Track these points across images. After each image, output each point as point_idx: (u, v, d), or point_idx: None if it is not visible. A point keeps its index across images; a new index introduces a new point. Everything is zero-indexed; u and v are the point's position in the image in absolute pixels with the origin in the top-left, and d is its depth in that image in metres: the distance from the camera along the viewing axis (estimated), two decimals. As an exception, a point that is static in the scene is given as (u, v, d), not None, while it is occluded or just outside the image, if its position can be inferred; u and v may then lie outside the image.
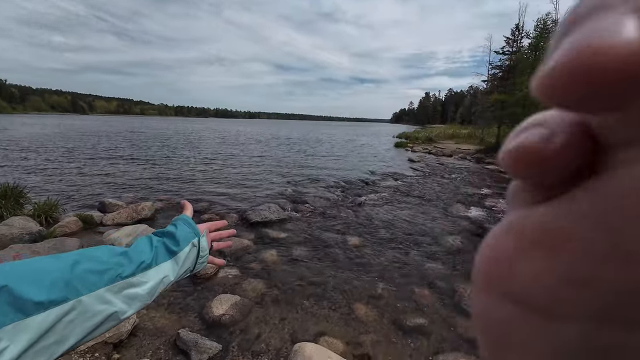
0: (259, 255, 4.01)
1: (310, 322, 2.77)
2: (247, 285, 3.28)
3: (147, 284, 0.52)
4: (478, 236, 5.01)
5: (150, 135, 25.30)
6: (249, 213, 5.32)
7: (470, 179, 10.47)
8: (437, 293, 3.32)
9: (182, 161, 11.53)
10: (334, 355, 2.10)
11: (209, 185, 7.75)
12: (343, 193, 7.43)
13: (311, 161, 13.17)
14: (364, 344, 2.51)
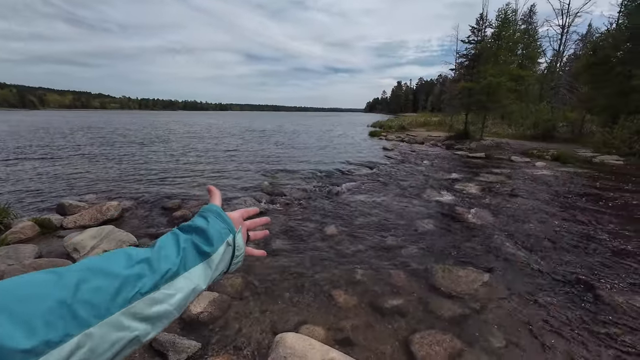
0: (236, 250, 3.93)
1: (291, 313, 2.78)
2: (225, 281, 3.22)
3: (175, 297, 0.41)
4: (449, 218, 5.27)
5: (112, 130, 23.67)
6: (224, 208, 5.16)
7: (441, 164, 10.90)
8: (412, 275, 3.46)
9: (149, 157, 10.94)
10: (315, 343, 2.13)
11: (181, 181, 7.43)
12: (320, 183, 7.45)
13: (287, 153, 13.03)
14: (345, 329, 2.57)
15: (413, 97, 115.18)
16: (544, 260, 3.83)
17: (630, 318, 2.77)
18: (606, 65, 15.21)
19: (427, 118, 34.88)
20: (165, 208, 5.32)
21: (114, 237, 3.68)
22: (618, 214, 5.73)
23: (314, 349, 2.03)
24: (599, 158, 11.91)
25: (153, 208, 5.37)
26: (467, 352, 2.37)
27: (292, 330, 2.54)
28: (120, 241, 3.66)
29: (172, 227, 3.98)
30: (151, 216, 4.98)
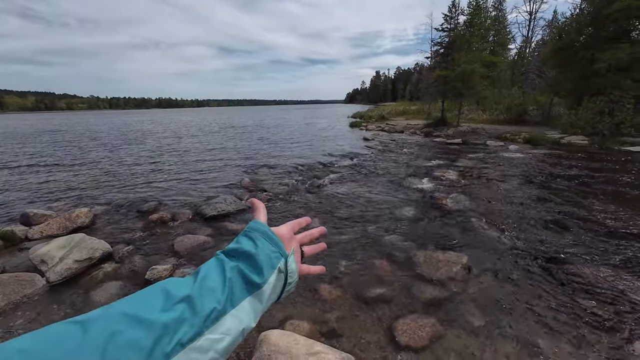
0: (217, 249, 3.83)
1: (276, 310, 2.76)
2: (207, 282, 3.14)
3: (222, 342, 0.34)
4: (429, 205, 5.38)
5: (81, 132, 22.38)
6: (204, 207, 5.04)
7: (420, 152, 11.11)
8: (395, 263, 3.51)
9: (122, 160, 10.44)
10: (300, 338, 2.12)
11: (157, 183, 7.15)
12: (301, 177, 7.40)
13: (268, 148, 12.83)
14: (329, 321, 2.57)
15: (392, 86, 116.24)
16: (518, 240, 4.00)
17: (598, 289, 2.95)
18: (571, 49, 15.89)
19: (406, 107, 35.36)
20: (140, 212, 5.10)
21: (85, 246, 3.49)
22: (584, 191, 6.07)
23: (298, 345, 2.02)
24: (566, 139, 12.54)
25: (128, 212, 5.14)
26: (449, 333, 2.44)
27: (278, 326, 2.52)
28: (92, 249, 3.47)
29: (148, 231, 3.82)
30: (126, 221, 4.77)
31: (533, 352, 2.25)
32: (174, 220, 4.75)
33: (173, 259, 3.55)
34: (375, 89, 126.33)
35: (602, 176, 7.13)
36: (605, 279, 3.07)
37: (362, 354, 2.26)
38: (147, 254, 3.71)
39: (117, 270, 3.38)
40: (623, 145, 10.82)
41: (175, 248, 3.79)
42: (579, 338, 2.37)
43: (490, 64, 19.50)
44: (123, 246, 3.87)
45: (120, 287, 3.08)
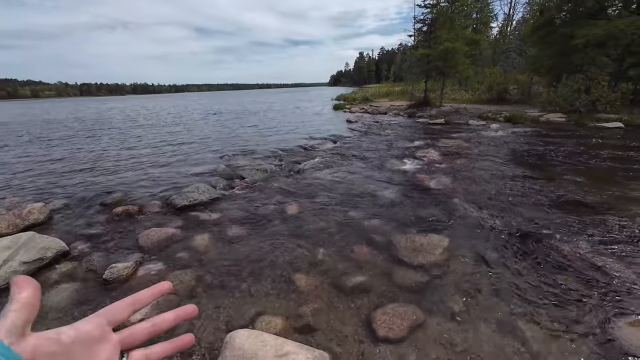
0: (187, 243, 3.58)
1: (248, 304, 2.57)
2: (174, 278, 2.90)
3: None
4: (411, 186, 5.26)
5: (45, 121, 20.84)
6: (174, 197, 4.71)
7: (403, 133, 10.97)
8: (375, 248, 3.37)
9: (85, 150, 9.72)
10: (269, 338, 1.94)
11: (124, 173, 6.68)
12: (281, 162, 7.11)
13: (247, 134, 12.34)
14: (304, 315, 2.41)
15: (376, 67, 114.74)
16: (499, 219, 3.95)
17: (576, 266, 2.92)
18: (551, 26, 15.87)
19: (390, 88, 35.01)
20: (104, 204, 4.72)
21: (35, 245, 3.14)
22: (561, 167, 6.12)
23: (266, 346, 1.84)
24: (545, 117, 12.72)
25: (89, 206, 4.74)
26: (429, 320, 2.33)
27: (249, 324, 2.33)
28: (43, 248, 3.13)
29: (111, 225, 3.48)
30: (87, 215, 4.39)
31: (513, 334, 2.17)
32: (141, 212, 4.41)
33: (137, 255, 3.27)
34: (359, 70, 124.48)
35: (578, 152, 7.23)
36: (583, 255, 3.05)
37: (339, 349, 2.12)
38: (109, 251, 3.40)
39: (74, 270, 3.07)
40: (598, 122, 11.06)
41: (140, 243, 3.49)
42: (557, 316, 2.31)
43: (473, 42, 19.30)
44: (81, 243, 3.54)
45: (76, 289, 2.79)
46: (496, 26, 32.10)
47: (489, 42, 29.30)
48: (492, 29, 31.74)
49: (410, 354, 2.06)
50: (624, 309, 2.36)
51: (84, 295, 2.70)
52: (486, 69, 23.63)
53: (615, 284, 2.65)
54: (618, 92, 12.59)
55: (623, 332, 2.12)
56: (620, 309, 2.36)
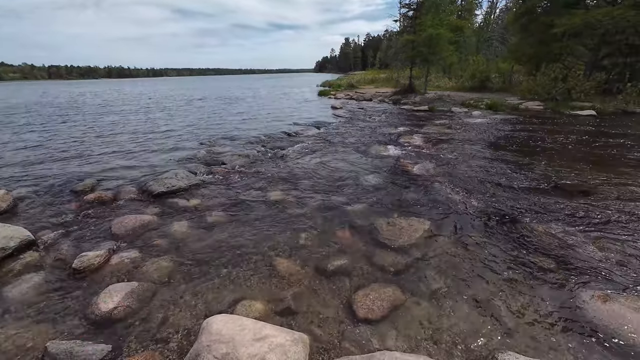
0: (164, 230, 3.45)
1: (228, 290, 2.51)
2: (150, 266, 2.79)
3: None
4: (394, 172, 5.29)
5: (11, 106, 19.37)
6: (151, 184, 4.51)
7: (387, 119, 10.98)
8: (357, 232, 3.38)
9: (55, 135, 9.14)
10: (248, 322, 1.90)
11: (98, 159, 6.33)
12: (264, 148, 6.95)
13: (229, 119, 11.96)
14: (285, 299, 2.39)
15: (362, 54, 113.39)
16: (478, 201, 4.04)
17: (548, 243, 3.03)
18: (532, 14, 16.09)
19: (375, 75, 34.80)
20: (75, 192, 4.46)
21: (-4, 235, 2.93)
22: (537, 152, 6.33)
23: (244, 330, 1.80)
24: (524, 104, 13.06)
25: (59, 193, 4.47)
26: (409, 300, 2.37)
27: (228, 309, 2.29)
28: (5, 238, 2.93)
29: (82, 213, 3.29)
30: (56, 203, 4.13)
31: (488, 311, 2.24)
32: (115, 199, 4.21)
33: (110, 243, 3.12)
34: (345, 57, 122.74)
35: (553, 139, 7.49)
36: (556, 235, 3.17)
37: (319, 330, 2.11)
38: (79, 240, 3.23)
39: (40, 260, 2.90)
40: (573, 110, 11.47)
41: (114, 231, 3.33)
42: (530, 293, 2.41)
43: (457, 29, 19.33)
44: (49, 232, 3.34)
45: (42, 279, 2.64)
46: (480, 14, 32.25)
47: (473, 30, 29.44)
48: (476, 16, 31.87)
49: (389, 333, 2.09)
50: (591, 284, 2.48)
51: (50, 285, 2.55)
52: (469, 56, 23.84)
53: (584, 261, 2.77)
54: (592, 81, 13.05)
55: (589, 306, 2.23)
56: (587, 285, 2.48)
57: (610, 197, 4.09)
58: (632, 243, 3.02)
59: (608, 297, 2.28)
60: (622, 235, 3.17)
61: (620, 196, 4.11)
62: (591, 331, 2.04)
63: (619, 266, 2.69)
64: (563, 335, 2.03)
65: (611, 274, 2.59)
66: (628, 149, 6.43)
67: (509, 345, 1.96)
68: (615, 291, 2.38)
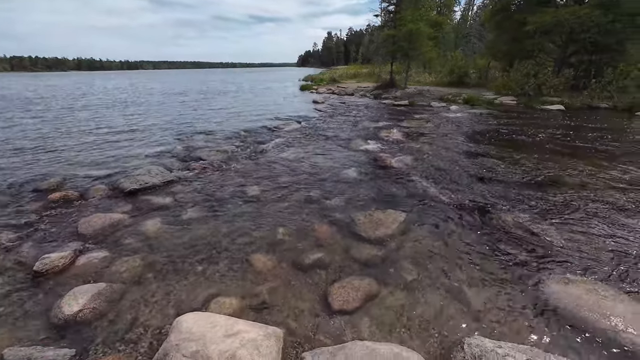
0: (136, 228, 3.33)
1: (202, 288, 2.46)
2: (120, 266, 2.69)
3: None
4: (374, 165, 5.34)
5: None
6: (122, 181, 4.33)
7: (368, 114, 11.06)
8: (335, 226, 3.39)
9: (24, 132, 8.55)
10: (220, 318, 1.87)
11: (65, 155, 5.99)
12: (243, 143, 6.83)
13: (207, 114, 11.64)
14: (261, 294, 2.37)
15: (344, 48, 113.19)
16: (453, 194, 4.16)
17: (516, 232, 3.17)
18: (507, 12, 16.60)
19: (358, 70, 34.88)
20: (39, 190, 4.20)
21: (-54, 238, 2.71)
22: (509, 145, 6.59)
23: (216, 327, 1.77)
24: (499, 99, 13.53)
25: (21, 192, 4.20)
26: (383, 291, 2.41)
27: (201, 307, 2.24)
28: (-43, 241, 2.72)
29: (47, 213, 3.11)
30: (16, 203, 3.88)
31: (458, 298, 2.32)
32: (83, 198, 4.00)
33: (76, 244, 2.97)
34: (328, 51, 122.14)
35: (525, 132, 7.82)
36: (523, 224, 3.32)
37: (294, 324, 2.11)
38: (42, 241, 3.05)
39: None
40: (543, 104, 12.01)
41: (80, 230, 3.18)
42: (498, 279, 2.51)
43: (436, 25, 19.65)
44: (9, 234, 3.13)
45: (0, 284, 2.48)
46: (458, 10, 32.96)
47: (452, 26, 30.06)
48: (455, 12, 32.54)
49: (363, 323, 2.12)
50: (554, 269, 2.63)
51: (8, 290, 2.40)
52: (448, 52, 24.36)
53: (548, 248, 2.93)
54: (561, 78, 13.69)
55: (550, 290, 2.36)
56: (550, 270, 2.62)
57: (575, 187, 4.33)
58: (592, 230, 3.22)
59: (568, 280, 2.43)
60: (584, 223, 3.37)
61: (585, 186, 4.35)
62: (551, 313, 2.16)
63: (579, 252, 2.86)
64: (526, 318, 2.14)
65: (572, 260, 2.75)
66: (593, 142, 6.82)
67: (477, 329, 2.04)
68: (574, 275, 2.52)
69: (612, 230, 3.21)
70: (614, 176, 4.72)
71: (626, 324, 1.99)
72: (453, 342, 1.94)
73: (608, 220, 3.41)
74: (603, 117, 9.90)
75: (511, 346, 1.71)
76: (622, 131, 8.06)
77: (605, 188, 4.28)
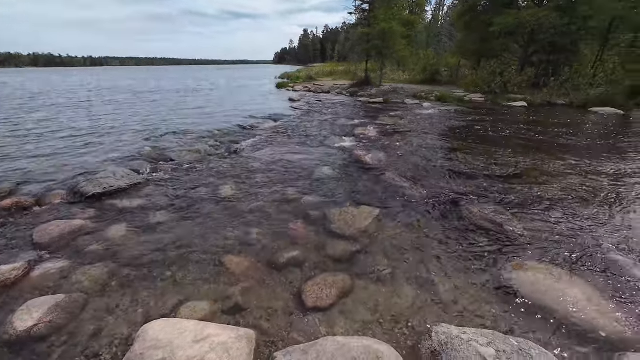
0: (100, 234, 3.15)
1: (172, 293, 2.38)
2: (81, 276, 2.53)
3: None
4: (349, 163, 5.40)
5: None
6: (84, 185, 4.06)
7: (344, 112, 11.15)
8: (310, 224, 3.40)
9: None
10: (189, 324, 1.82)
11: (20, 159, 5.53)
12: (217, 142, 6.65)
13: (179, 113, 11.21)
14: (233, 296, 2.32)
15: (321, 46, 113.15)
16: (425, 188, 4.29)
17: (482, 223, 3.33)
18: (474, 12, 17.32)
19: (334, 67, 35.02)
20: (-13, 198, 3.86)
21: None
22: (477, 140, 6.90)
23: (184, 333, 1.72)
24: (469, 96, 14.12)
25: (-34, 200, 3.83)
26: (357, 287, 2.45)
27: (170, 313, 2.16)
28: None
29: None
30: (-39, 212, 3.54)
31: (429, 289, 2.41)
32: (39, 204, 3.73)
33: (31, 254, 2.76)
34: (305, 49, 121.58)
35: (492, 127, 8.22)
36: (488, 215, 3.49)
37: (267, 324, 2.10)
38: (-9, 252, 2.81)
39: (-62, 279, 2.46)
40: (508, 101, 12.68)
41: (36, 240, 2.95)
42: (464, 268, 2.63)
43: (409, 24, 20.13)
44: (-49, 246, 2.85)
45: (-59, 301, 2.25)
46: (430, 10, 33.95)
47: (424, 26, 30.92)
48: (427, 12, 33.48)
49: (337, 319, 2.14)
50: (514, 256, 2.79)
51: (-48, 307, 2.19)
52: (421, 51, 25.05)
53: (510, 236, 3.10)
54: (524, 76, 14.52)
55: (511, 275, 2.50)
56: (511, 257, 2.78)
57: (537, 178, 4.62)
58: (550, 218, 3.45)
59: (526, 266, 2.59)
60: (542, 212, 3.60)
61: (545, 178, 4.65)
62: (512, 297, 2.30)
63: (538, 239, 3.05)
64: (489, 303, 2.26)
65: (531, 247, 2.93)
66: (553, 136, 7.30)
67: (444, 318, 2.13)
68: (533, 261, 2.70)
69: (567, 218, 3.46)
70: (572, 168, 5.08)
71: (576, 304, 2.16)
72: (422, 332, 2.01)
73: (565, 208, 3.67)
74: (561, 113, 10.63)
75: (475, 331, 1.80)
76: (578, 126, 8.70)
77: (563, 179, 4.60)
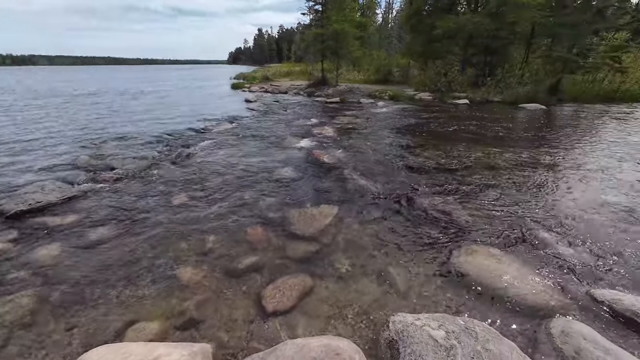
0: (26, 258, 2.75)
1: (116, 315, 2.16)
2: (1, 306, 2.19)
3: None
4: (307, 162, 5.41)
5: None
6: (3, 202, 3.53)
7: (301, 112, 11.16)
8: (270, 227, 3.33)
9: None
10: (136, 347, 1.66)
11: None
12: (167, 147, 6.22)
13: (121, 118, 10.29)
14: (188, 310, 2.19)
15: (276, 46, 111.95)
16: (380, 184, 4.46)
17: (433, 214, 3.56)
18: (419, 16, 18.45)
19: (291, 68, 34.88)
20: None
21: None
22: (427, 135, 7.37)
23: (129, 357, 1.57)
24: (418, 95, 15.01)
25: None
26: (317, 286, 2.45)
27: (115, 338, 1.97)
28: None
29: None
30: None
31: (387, 281, 2.50)
32: (-57, 229, 3.14)
33: None
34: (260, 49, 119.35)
35: (439, 123, 8.84)
36: (437, 206, 3.75)
37: (225, 335, 2.01)
38: None
39: None
40: (453, 99, 13.75)
41: (-62, 271, 2.49)
42: (417, 258, 2.79)
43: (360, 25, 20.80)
44: None
45: None
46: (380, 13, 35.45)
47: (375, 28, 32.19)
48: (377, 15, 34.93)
49: (298, 320, 2.13)
50: (462, 242, 3.02)
51: None
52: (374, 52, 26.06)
53: (458, 224, 3.35)
54: (465, 76, 15.85)
55: (459, 260, 2.70)
56: (459, 243, 3.00)
57: (479, 169, 5.05)
58: (492, 205, 3.80)
59: (471, 250, 2.82)
60: (485, 199, 3.95)
61: (487, 168, 5.11)
62: (460, 280, 2.49)
63: (482, 225, 3.34)
64: (441, 288, 2.42)
65: (476, 232, 3.20)
66: (491, 130, 8.06)
67: (401, 307, 2.22)
68: (478, 245, 2.95)
69: (505, 203, 3.84)
70: (509, 158, 5.65)
71: (512, 281, 2.40)
72: (381, 323, 2.07)
73: (504, 195, 4.07)
74: (497, 109, 11.79)
75: (428, 316, 1.91)
76: (511, 120, 9.73)
77: (502, 169, 5.10)
